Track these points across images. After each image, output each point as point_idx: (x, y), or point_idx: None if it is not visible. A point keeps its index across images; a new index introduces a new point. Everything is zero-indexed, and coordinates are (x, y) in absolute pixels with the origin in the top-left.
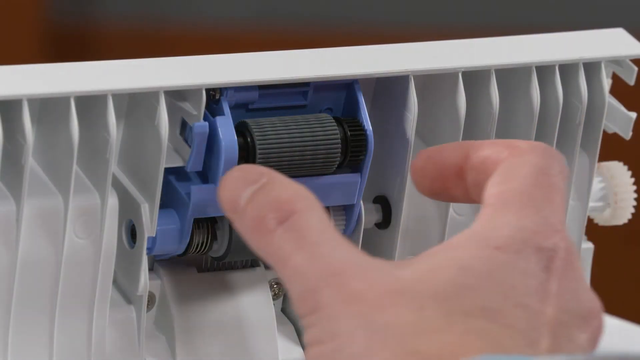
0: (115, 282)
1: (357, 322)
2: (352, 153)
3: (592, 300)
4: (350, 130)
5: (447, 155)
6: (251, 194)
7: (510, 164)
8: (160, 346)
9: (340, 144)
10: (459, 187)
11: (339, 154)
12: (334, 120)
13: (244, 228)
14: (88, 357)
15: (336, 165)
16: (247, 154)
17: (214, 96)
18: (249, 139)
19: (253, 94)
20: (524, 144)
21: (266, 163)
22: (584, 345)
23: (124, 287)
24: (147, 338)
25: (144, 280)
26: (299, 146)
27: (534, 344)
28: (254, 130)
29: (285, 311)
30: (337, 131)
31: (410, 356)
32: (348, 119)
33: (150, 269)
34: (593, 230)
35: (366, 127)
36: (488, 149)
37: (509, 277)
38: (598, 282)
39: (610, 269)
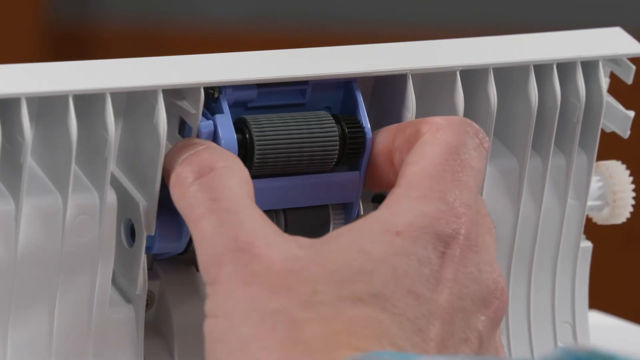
0: (114, 281)
1: (251, 304)
2: (349, 150)
3: (494, 282)
4: (348, 128)
5: (378, 141)
6: (184, 158)
7: (423, 142)
8: (159, 346)
9: (338, 141)
10: (391, 172)
11: (337, 152)
12: (332, 118)
13: (170, 188)
14: (87, 356)
15: (334, 163)
16: (245, 151)
17: (213, 94)
18: (247, 136)
19: (252, 92)
20: (441, 120)
21: (264, 159)
22: (481, 328)
23: (123, 287)
24: (146, 337)
25: (143, 280)
26: (296, 143)
27: (422, 332)
28: (252, 126)
29: None
30: (335, 128)
31: (295, 346)
32: (346, 116)
33: (150, 268)
34: (592, 229)
35: (364, 125)
36: (410, 128)
37: (404, 264)
38: (597, 281)
39: (609, 268)
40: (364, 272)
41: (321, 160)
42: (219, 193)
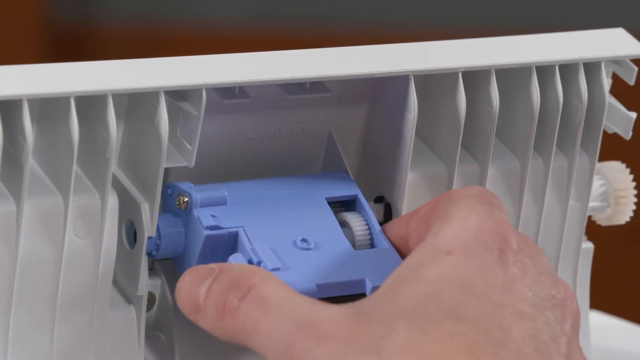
0: (115, 282)
1: (331, 357)
2: None
3: (561, 285)
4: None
5: (390, 234)
6: (207, 289)
7: (448, 195)
8: (160, 346)
9: None
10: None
11: None
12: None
13: (209, 322)
14: (88, 357)
15: None
16: None
17: None
18: None
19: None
20: (457, 190)
21: None
22: (568, 331)
23: (124, 287)
24: (147, 338)
25: (144, 280)
26: None
27: (505, 330)
28: None
29: None
30: None
31: None
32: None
33: (150, 269)
34: (593, 230)
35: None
36: (424, 208)
37: (465, 275)
38: (598, 282)
39: (610, 269)
40: (430, 295)
41: None
42: (266, 298)
